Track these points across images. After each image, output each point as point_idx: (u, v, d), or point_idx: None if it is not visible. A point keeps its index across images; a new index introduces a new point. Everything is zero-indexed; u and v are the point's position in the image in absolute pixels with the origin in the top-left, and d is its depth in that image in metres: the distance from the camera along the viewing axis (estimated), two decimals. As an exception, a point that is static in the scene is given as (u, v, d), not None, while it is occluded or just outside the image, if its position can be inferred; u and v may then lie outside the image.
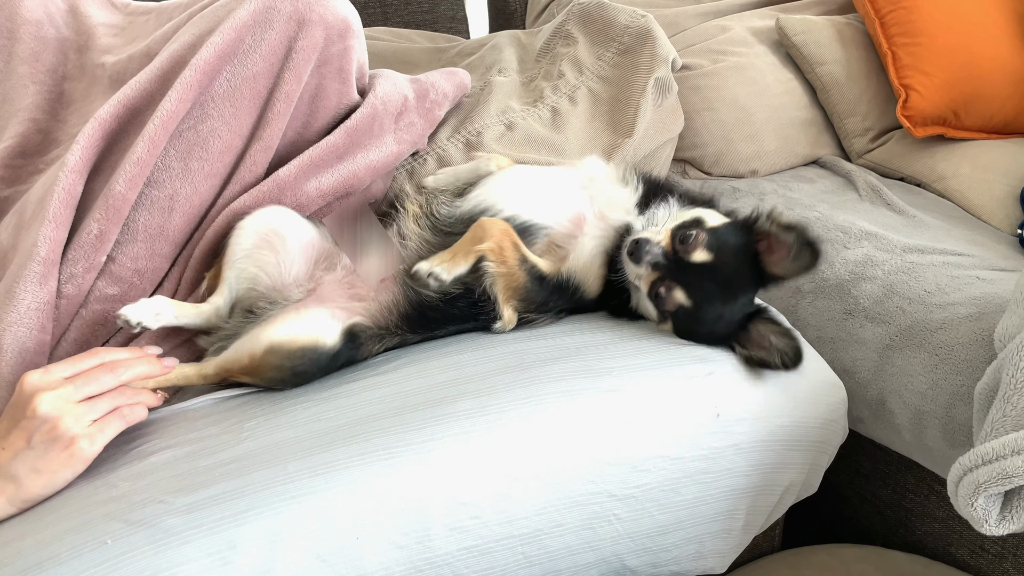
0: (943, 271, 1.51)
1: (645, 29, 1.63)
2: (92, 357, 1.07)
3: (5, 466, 0.99)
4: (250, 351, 1.16)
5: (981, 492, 1.02)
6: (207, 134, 1.27)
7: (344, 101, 1.40)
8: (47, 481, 1.00)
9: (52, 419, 0.99)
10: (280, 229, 1.26)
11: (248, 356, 1.16)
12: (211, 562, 0.96)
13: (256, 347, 1.16)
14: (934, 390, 1.35)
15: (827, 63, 2.05)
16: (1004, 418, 1.07)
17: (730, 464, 1.20)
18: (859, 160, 2.08)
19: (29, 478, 0.99)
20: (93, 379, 1.04)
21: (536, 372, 1.18)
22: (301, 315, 1.19)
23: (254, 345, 1.16)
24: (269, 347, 1.15)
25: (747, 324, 1.22)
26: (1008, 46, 2.00)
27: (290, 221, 1.29)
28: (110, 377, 1.05)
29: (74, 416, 1.00)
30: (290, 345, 1.15)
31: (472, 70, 1.71)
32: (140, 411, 1.08)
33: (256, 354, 1.15)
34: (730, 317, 1.21)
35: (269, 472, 1.04)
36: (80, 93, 1.45)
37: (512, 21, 2.70)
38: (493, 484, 1.08)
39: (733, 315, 1.21)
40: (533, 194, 1.31)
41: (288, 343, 1.15)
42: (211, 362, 1.19)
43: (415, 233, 1.29)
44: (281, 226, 1.27)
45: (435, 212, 1.31)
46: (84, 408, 1.02)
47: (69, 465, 1.01)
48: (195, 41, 1.28)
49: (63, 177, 1.18)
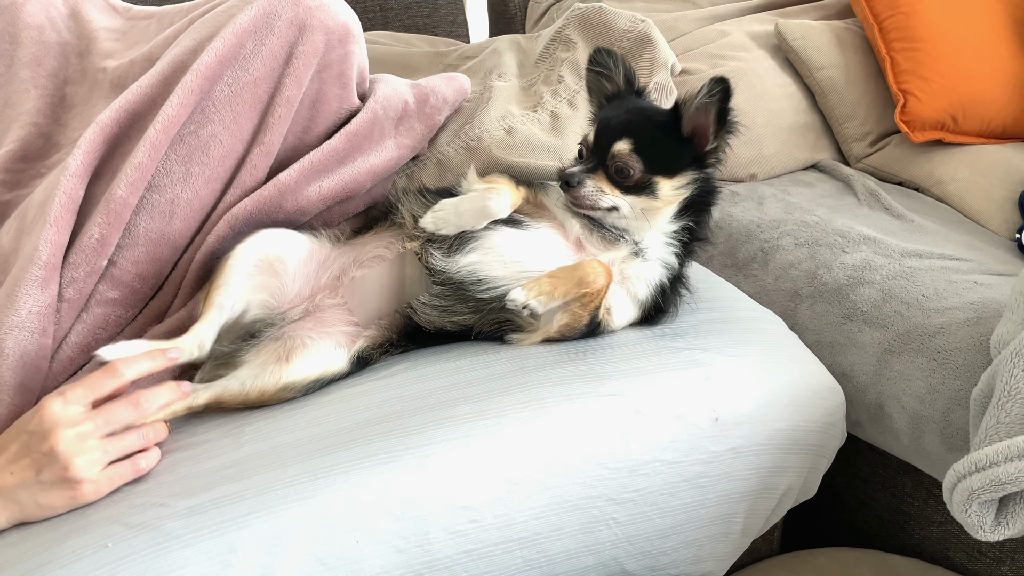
0: (941, 276, 1.52)
1: (644, 34, 1.64)
2: (110, 378, 1.05)
3: (11, 490, 0.99)
4: (261, 389, 1.15)
5: (975, 499, 1.02)
6: (208, 139, 1.27)
7: (345, 106, 1.40)
8: (46, 512, 1.01)
9: (66, 459, 0.98)
10: (281, 255, 1.25)
11: (258, 393, 1.15)
12: (212, 565, 0.96)
13: (268, 386, 1.16)
14: (932, 394, 1.36)
15: (826, 68, 2.06)
16: (998, 425, 1.07)
17: (728, 468, 1.20)
18: (857, 164, 2.09)
19: (30, 506, 1.00)
20: (115, 418, 1.03)
21: (535, 376, 1.18)
22: (311, 351, 1.19)
23: (265, 384, 1.15)
24: (284, 386, 1.16)
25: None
26: (1006, 51, 2.01)
27: (288, 242, 1.27)
28: (132, 412, 1.05)
29: (89, 461, 1.00)
30: (304, 381, 1.18)
31: (472, 75, 1.71)
32: (154, 457, 1.07)
33: (267, 391, 1.16)
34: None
35: (269, 476, 1.04)
36: (81, 97, 1.46)
37: (512, 26, 2.71)
38: (492, 488, 1.08)
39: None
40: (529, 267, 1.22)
41: (302, 380, 1.17)
42: (202, 393, 1.14)
43: (414, 275, 1.25)
44: (281, 251, 1.25)
45: (429, 263, 1.24)
46: (99, 453, 1.01)
47: (69, 505, 1.01)
48: (196, 46, 1.28)
49: (64, 181, 1.19)
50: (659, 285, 1.27)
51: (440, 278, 1.23)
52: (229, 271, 1.22)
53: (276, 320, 1.24)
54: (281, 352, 1.18)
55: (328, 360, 1.20)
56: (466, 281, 1.22)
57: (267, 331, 1.23)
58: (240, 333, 1.24)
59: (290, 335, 1.21)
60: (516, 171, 1.47)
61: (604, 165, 1.23)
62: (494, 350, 1.25)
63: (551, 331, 1.23)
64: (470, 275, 1.22)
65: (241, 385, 1.16)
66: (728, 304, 1.46)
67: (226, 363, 1.20)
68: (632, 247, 1.25)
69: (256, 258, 1.24)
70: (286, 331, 1.22)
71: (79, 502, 1.01)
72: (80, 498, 1.00)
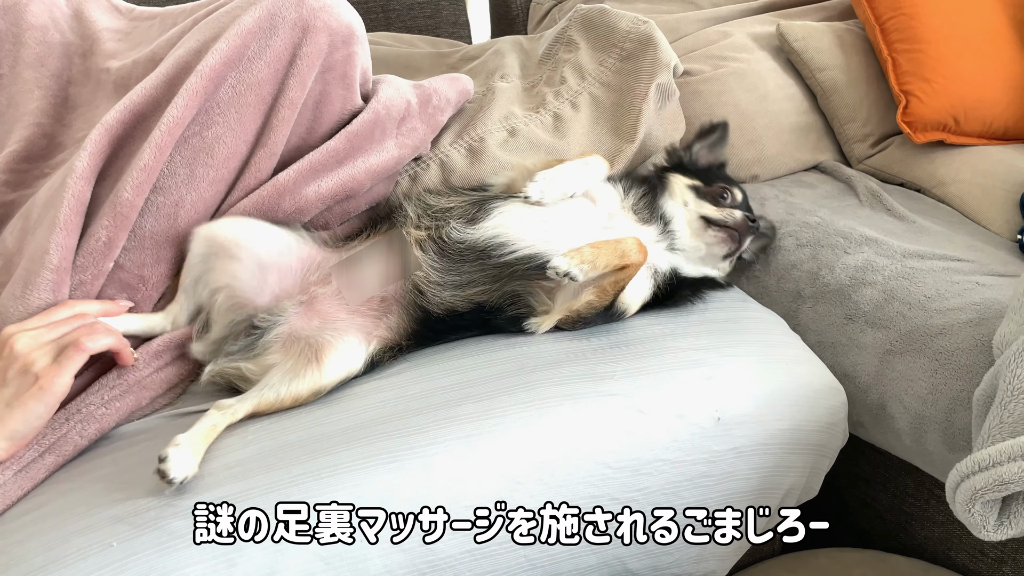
0: (943, 276, 1.52)
1: (647, 35, 1.64)
2: (64, 308, 1.15)
3: None
4: (295, 395, 1.17)
5: (978, 498, 1.02)
6: (212, 140, 1.27)
7: (348, 107, 1.40)
8: (23, 416, 1.06)
9: (23, 355, 1.07)
10: (237, 237, 1.26)
11: (292, 399, 1.17)
12: (216, 564, 0.97)
13: (301, 391, 1.18)
14: (934, 395, 1.36)
15: (827, 69, 2.06)
16: (1001, 424, 1.07)
17: (731, 467, 1.20)
18: (859, 166, 2.09)
19: (5, 413, 1.05)
20: (64, 323, 1.12)
21: (539, 376, 1.19)
22: (339, 350, 1.21)
23: (299, 390, 1.17)
24: (315, 391, 1.19)
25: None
26: (1008, 53, 2.01)
27: (249, 229, 1.28)
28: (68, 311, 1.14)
29: (43, 352, 1.08)
30: (332, 383, 1.20)
31: (474, 75, 1.71)
32: (100, 339, 1.12)
33: (301, 396, 1.18)
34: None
35: (273, 475, 1.05)
36: (85, 98, 1.46)
37: (514, 27, 2.71)
38: (496, 487, 1.09)
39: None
40: (557, 233, 1.30)
41: (331, 383, 1.20)
42: (240, 407, 1.15)
43: (421, 259, 1.26)
44: (237, 234, 1.26)
45: (444, 236, 1.27)
46: (52, 346, 1.09)
47: (40, 399, 1.06)
48: (200, 47, 1.29)
49: (72, 184, 1.19)
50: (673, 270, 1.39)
51: (458, 248, 1.27)
52: (188, 255, 1.27)
53: (274, 310, 1.24)
54: (309, 353, 1.19)
55: (353, 360, 1.22)
56: (490, 245, 1.27)
57: (270, 324, 1.23)
58: (237, 330, 1.25)
59: (307, 334, 1.22)
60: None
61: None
62: (497, 349, 1.25)
63: (572, 308, 1.26)
64: (494, 238, 1.27)
65: (276, 394, 1.17)
66: (730, 305, 1.47)
67: (242, 357, 1.22)
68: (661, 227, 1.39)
69: (204, 239, 1.26)
70: (294, 325, 1.23)
71: (47, 392, 1.06)
72: (47, 386, 1.06)
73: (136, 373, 1.21)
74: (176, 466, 1.02)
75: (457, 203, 1.34)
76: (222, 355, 1.23)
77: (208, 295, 1.27)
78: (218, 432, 1.12)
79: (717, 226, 1.43)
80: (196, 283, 1.27)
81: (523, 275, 1.27)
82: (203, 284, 1.27)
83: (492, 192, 1.39)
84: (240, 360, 1.22)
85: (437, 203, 1.34)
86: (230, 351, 1.23)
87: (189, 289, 1.27)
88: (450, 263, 1.26)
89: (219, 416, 1.13)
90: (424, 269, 1.26)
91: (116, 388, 1.20)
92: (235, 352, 1.23)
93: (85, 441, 1.16)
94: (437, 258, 1.26)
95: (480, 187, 1.43)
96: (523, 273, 1.26)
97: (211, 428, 1.11)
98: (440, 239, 1.27)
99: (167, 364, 1.26)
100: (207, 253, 1.26)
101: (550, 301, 1.29)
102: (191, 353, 1.27)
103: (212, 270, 1.26)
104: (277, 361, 1.20)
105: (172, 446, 1.04)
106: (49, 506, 1.05)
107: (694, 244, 1.43)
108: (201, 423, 1.11)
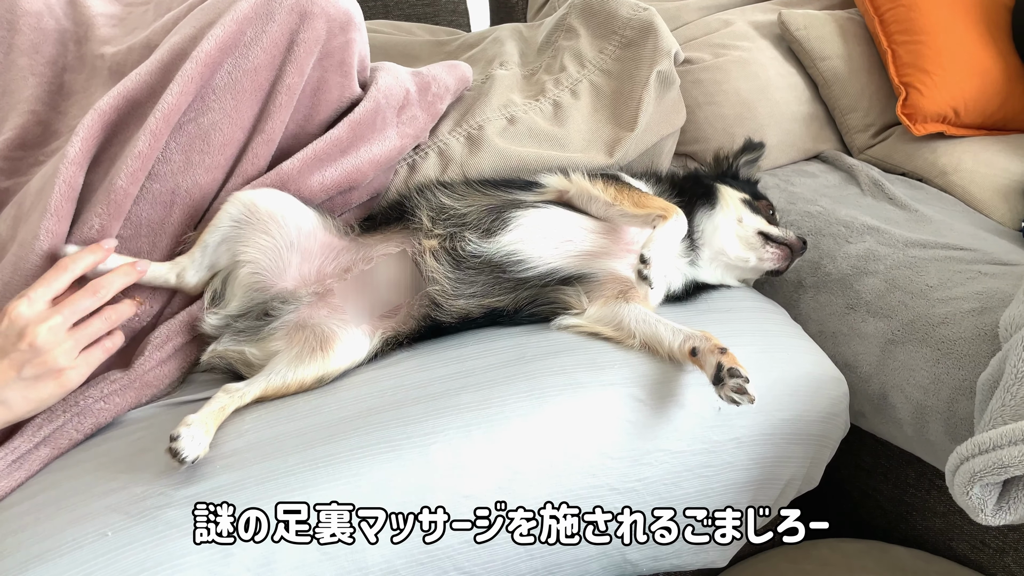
0: (945, 266, 1.51)
1: (647, 22, 1.62)
2: (62, 273, 1.10)
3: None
4: (300, 382, 1.19)
5: (977, 481, 1.02)
6: (208, 127, 1.26)
7: (346, 94, 1.39)
8: (35, 406, 1.08)
9: (46, 351, 1.05)
10: (275, 212, 1.25)
11: (298, 384, 1.19)
12: (212, 554, 0.96)
13: (306, 378, 1.19)
14: (936, 385, 1.35)
15: (829, 58, 2.05)
16: (1004, 407, 1.07)
17: (731, 458, 1.20)
18: (860, 155, 2.08)
19: (19, 403, 1.06)
20: (79, 308, 1.09)
21: (538, 365, 1.18)
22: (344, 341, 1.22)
23: (304, 377, 1.19)
24: (319, 378, 1.20)
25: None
26: (1007, 44, 2.00)
27: (287, 206, 1.27)
28: (92, 300, 1.11)
29: (64, 350, 1.06)
30: (337, 371, 1.22)
31: (473, 63, 1.70)
32: (118, 339, 1.15)
33: (306, 383, 1.19)
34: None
35: (270, 464, 1.04)
36: (80, 84, 1.45)
37: (513, 14, 2.69)
38: (494, 477, 1.08)
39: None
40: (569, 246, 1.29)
41: (336, 371, 1.21)
42: (248, 392, 1.16)
43: (436, 271, 1.25)
44: (276, 210, 1.25)
45: (459, 249, 1.25)
46: (72, 342, 1.08)
47: (58, 393, 1.08)
48: (196, 33, 1.27)
49: (63, 169, 1.18)
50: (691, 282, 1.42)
51: (474, 262, 1.26)
52: (220, 214, 1.25)
53: (289, 298, 1.24)
54: (315, 343, 1.20)
55: (358, 351, 1.23)
56: (506, 261, 1.26)
57: (281, 311, 1.23)
58: (254, 311, 1.25)
59: (314, 322, 1.22)
60: (519, 160, 1.46)
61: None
62: (496, 338, 1.25)
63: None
64: (511, 255, 1.26)
65: (282, 379, 1.18)
66: (731, 294, 1.46)
67: (247, 340, 1.23)
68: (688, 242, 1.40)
69: (243, 204, 1.25)
70: (303, 314, 1.23)
71: (67, 387, 1.08)
72: (67, 383, 1.07)
73: (139, 368, 1.21)
74: (188, 445, 1.02)
75: (473, 209, 1.29)
76: (229, 332, 1.24)
77: (229, 261, 1.26)
78: (226, 415, 1.12)
79: (776, 243, 1.44)
80: (220, 244, 1.25)
81: (543, 286, 1.28)
82: (226, 248, 1.25)
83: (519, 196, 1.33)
84: (245, 343, 1.23)
85: (451, 205, 1.30)
86: (239, 328, 1.24)
87: (211, 247, 1.25)
88: (464, 274, 1.26)
89: (227, 399, 1.14)
90: (440, 283, 1.25)
91: (117, 383, 1.19)
92: (243, 331, 1.23)
93: (80, 435, 1.15)
94: (451, 269, 1.25)
95: (496, 183, 1.37)
96: (543, 284, 1.28)
97: (220, 410, 1.12)
98: (454, 250, 1.26)
99: (169, 356, 1.25)
100: (242, 220, 1.24)
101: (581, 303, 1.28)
102: (201, 327, 1.26)
103: (242, 239, 1.25)
104: (281, 348, 1.21)
105: (183, 425, 1.04)
106: (43, 495, 1.04)
107: (743, 256, 1.44)
108: (210, 404, 1.11)
